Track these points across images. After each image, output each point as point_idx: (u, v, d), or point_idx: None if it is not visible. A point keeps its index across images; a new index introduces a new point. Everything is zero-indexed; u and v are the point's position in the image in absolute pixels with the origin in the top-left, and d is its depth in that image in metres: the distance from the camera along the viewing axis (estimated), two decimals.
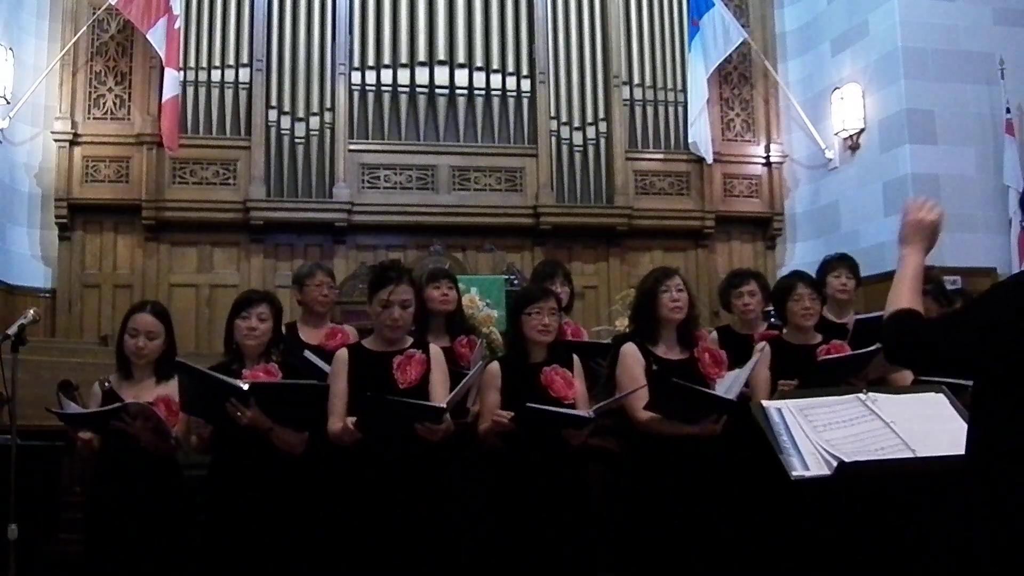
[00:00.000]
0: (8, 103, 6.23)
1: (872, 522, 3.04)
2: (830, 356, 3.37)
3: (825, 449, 2.65)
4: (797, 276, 3.67)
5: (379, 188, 6.90)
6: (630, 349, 3.27)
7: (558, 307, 3.32)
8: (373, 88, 6.87)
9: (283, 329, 3.84)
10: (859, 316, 3.78)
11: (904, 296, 1.89)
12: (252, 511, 2.95)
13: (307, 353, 3.57)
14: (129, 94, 6.67)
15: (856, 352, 3.33)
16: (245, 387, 2.84)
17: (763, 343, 3.52)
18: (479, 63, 6.98)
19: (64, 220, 6.49)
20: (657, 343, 3.29)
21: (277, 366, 3.09)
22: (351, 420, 2.84)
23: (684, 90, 7.30)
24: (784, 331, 3.68)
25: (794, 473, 2.62)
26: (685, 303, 3.28)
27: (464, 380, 3.06)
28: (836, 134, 7.17)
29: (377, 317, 3.02)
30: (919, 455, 2.60)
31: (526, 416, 2.96)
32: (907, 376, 3.27)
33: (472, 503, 3.23)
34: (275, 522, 2.96)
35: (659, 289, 3.27)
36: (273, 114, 6.72)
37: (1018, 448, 1.65)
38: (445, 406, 2.85)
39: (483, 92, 6.98)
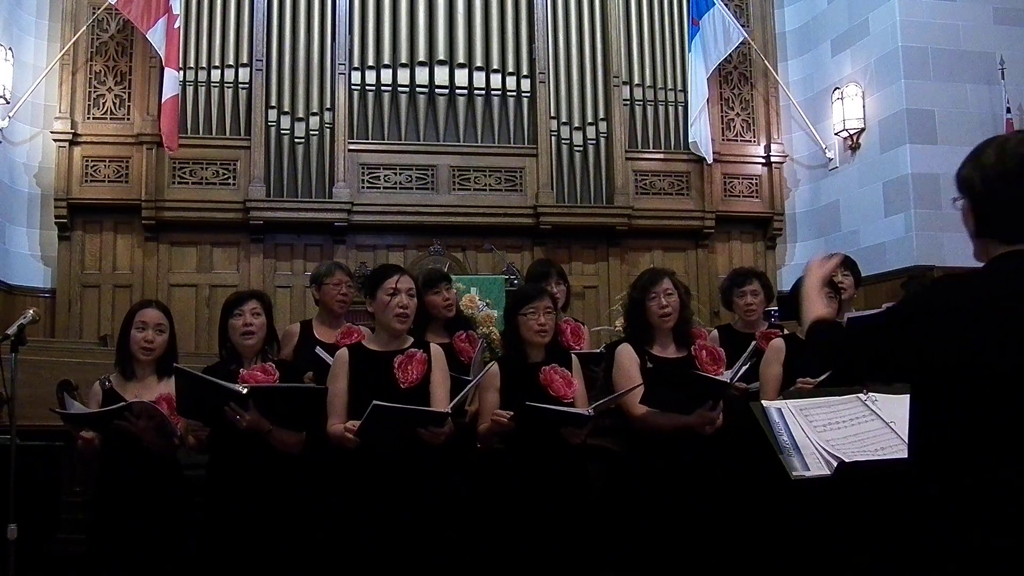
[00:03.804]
0: (8, 103, 6.23)
1: (872, 522, 3.04)
2: None
3: (825, 449, 2.65)
4: None
5: (379, 188, 6.89)
6: (625, 349, 3.28)
7: (554, 306, 3.32)
8: (373, 88, 6.87)
9: (298, 327, 3.86)
10: (850, 315, 3.77)
11: (818, 305, 2.00)
12: (250, 511, 2.95)
13: (318, 350, 3.57)
14: (129, 94, 6.66)
15: None
16: (243, 391, 2.84)
17: (776, 340, 3.50)
18: (479, 63, 6.97)
19: (64, 220, 6.48)
20: (652, 345, 3.29)
21: (274, 365, 3.09)
22: (351, 424, 2.84)
23: (684, 90, 7.30)
24: (784, 330, 3.67)
25: (794, 473, 2.62)
26: (675, 308, 3.26)
27: (469, 385, 3.07)
28: (836, 134, 7.17)
29: (385, 307, 3.01)
30: None
31: (525, 415, 2.96)
32: None
33: (472, 504, 3.23)
34: (273, 522, 2.96)
35: (646, 297, 3.27)
36: (273, 114, 6.72)
37: (953, 452, 1.67)
38: (449, 411, 2.85)
39: (483, 92, 6.98)
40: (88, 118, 6.58)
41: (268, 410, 2.87)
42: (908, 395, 2.68)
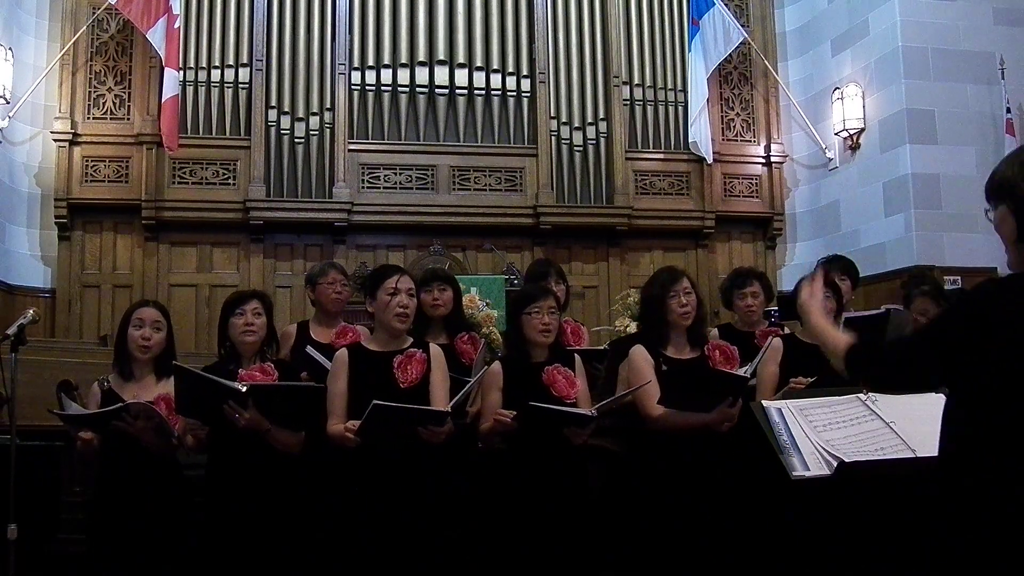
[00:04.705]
0: (8, 103, 6.23)
1: (872, 522, 3.04)
2: None
3: (825, 449, 2.65)
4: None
5: (379, 188, 6.90)
6: (639, 350, 3.26)
7: (557, 306, 3.32)
8: (373, 88, 6.87)
9: (295, 328, 3.86)
10: (848, 315, 3.78)
11: (840, 338, 1.99)
12: (250, 511, 2.94)
13: (308, 349, 3.57)
14: (129, 94, 6.67)
15: None
16: (243, 389, 2.84)
17: (775, 339, 3.50)
18: (479, 63, 6.98)
19: (64, 220, 6.48)
20: (667, 345, 3.28)
21: (273, 365, 3.09)
22: (352, 424, 2.84)
23: (684, 90, 7.30)
24: (785, 329, 3.67)
25: (794, 473, 2.63)
26: (694, 306, 3.25)
27: (469, 384, 3.06)
28: (836, 134, 7.17)
29: (385, 307, 3.01)
30: (919, 455, 2.60)
31: (529, 415, 2.96)
32: None
33: (472, 504, 3.23)
34: (273, 522, 2.96)
35: (667, 295, 3.24)
36: (273, 114, 6.72)
37: (989, 452, 1.66)
38: (449, 410, 2.86)
39: (483, 92, 6.98)
40: (88, 118, 6.59)
41: (267, 409, 2.87)
42: (907, 395, 2.67)
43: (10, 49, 6.27)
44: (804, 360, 3.37)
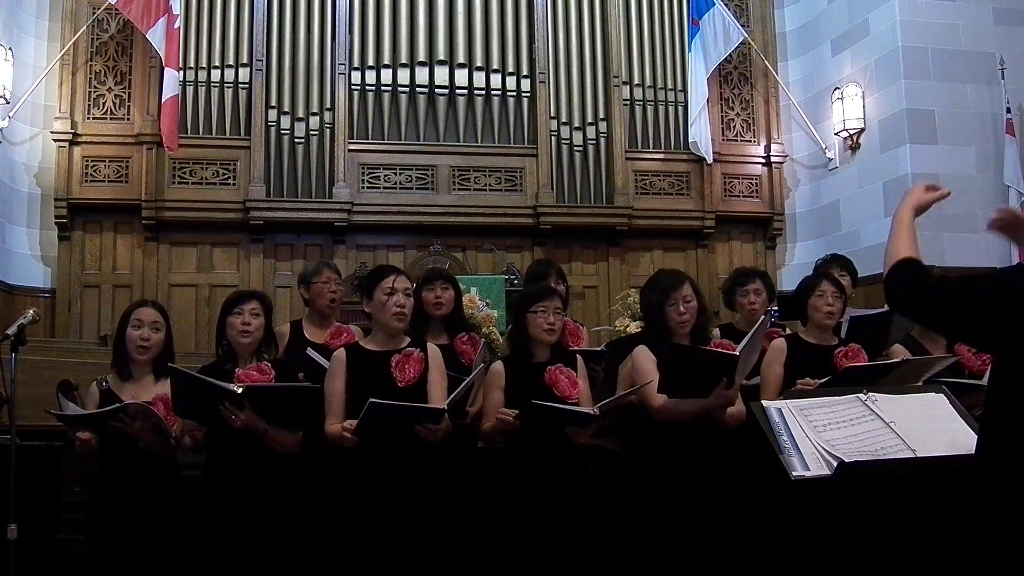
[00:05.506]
0: (8, 103, 6.23)
1: (872, 522, 3.04)
2: (854, 364, 3.34)
3: (825, 449, 2.65)
4: (823, 274, 3.66)
5: (379, 188, 6.89)
6: (643, 349, 3.26)
7: (562, 306, 3.32)
8: (373, 88, 6.87)
9: (288, 327, 3.86)
10: (854, 313, 3.78)
11: (903, 245, 1.89)
12: (250, 511, 2.94)
13: (309, 351, 3.56)
14: (129, 94, 6.66)
15: (879, 363, 3.32)
16: (238, 391, 2.83)
17: (778, 339, 3.50)
18: (479, 63, 6.97)
19: (64, 220, 6.48)
20: None
21: (270, 365, 3.08)
22: (349, 423, 2.84)
23: (684, 90, 7.30)
24: (786, 329, 3.67)
25: (794, 473, 2.62)
26: (693, 314, 3.25)
27: (465, 382, 3.06)
28: (836, 134, 7.17)
29: (382, 307, 3.01)
30: (919, 455, 2.60)
31: (531, 413, 2.96)
32: None
33: (472, 504, 3.23)
34: (273, 522, 2.96)
35: (665, 303, 3.24)
36: (273, 114, 6.72)
37: (990, 452, 1.66)
38: (445, 407, 2.86)
39: (483, 92, 6.98)
40: (88, 118, 6.58)
41: (263, 410, 2.87)
42: (907, 395, 2.68)
43: (10, 49, 6.27)
44: (808, 360, 3.37)
